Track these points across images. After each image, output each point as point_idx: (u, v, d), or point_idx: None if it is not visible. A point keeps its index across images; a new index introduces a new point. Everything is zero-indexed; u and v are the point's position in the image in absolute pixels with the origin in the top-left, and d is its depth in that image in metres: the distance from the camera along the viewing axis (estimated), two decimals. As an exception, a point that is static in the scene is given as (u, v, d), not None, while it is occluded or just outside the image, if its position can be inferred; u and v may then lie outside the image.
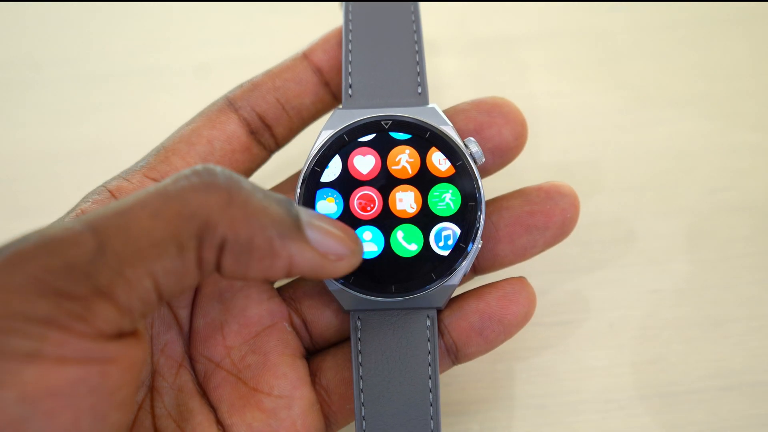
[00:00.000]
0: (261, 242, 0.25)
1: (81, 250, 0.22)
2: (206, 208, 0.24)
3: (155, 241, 0.23)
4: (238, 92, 0.34)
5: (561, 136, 0.46)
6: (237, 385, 0.31)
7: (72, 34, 0.50)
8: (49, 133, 0.46)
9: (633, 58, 0.48)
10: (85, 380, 0.22)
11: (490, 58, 0.49)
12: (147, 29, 0.50)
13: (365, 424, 0.30)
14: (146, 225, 0.23)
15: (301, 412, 0.31)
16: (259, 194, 0.25)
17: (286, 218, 0.26)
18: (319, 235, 0.27)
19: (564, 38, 0.49)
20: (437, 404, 0.30)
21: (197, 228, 0.24)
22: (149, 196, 0.24)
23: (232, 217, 0.24)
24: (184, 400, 0.31)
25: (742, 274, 0.40)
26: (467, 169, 0.31)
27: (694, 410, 0.36)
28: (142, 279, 0.23)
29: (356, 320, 0.32)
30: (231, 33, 0.50)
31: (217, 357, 0.32)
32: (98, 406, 0.22)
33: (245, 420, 0.30)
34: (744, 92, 0.47)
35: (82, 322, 0.22)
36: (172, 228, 0.23)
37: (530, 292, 0.32)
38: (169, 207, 0.24)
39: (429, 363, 0.31)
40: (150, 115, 0.45)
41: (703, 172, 0.44)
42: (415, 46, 0.34)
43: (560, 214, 0.32)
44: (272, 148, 0.35)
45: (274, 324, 0.32)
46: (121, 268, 0.22)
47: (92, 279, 0.22)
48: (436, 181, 0.31)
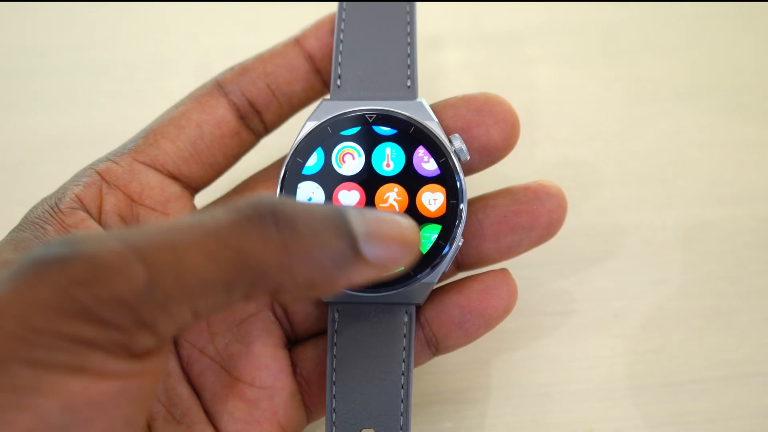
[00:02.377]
0: (320, 279, 0.24)
1: (131, 284, 0.21)
2: (261, 261, 0.23)
3: (204, 281, 0.22)
4: (228, 75, 0.33)
5: (565, 129, 0.46)
6: (220, 373, 0.31)
7: (79, 20, 0.50)
8: (56, 120, 0.46)
9: (637, 52, 0.49)
10: (123, 392, 0.22)
11: (495, 52, 0.49)
12: (154, 17, 0.50)
13: (335, 417, 0.30)
14: (198, 264, 0.22)
15: (282, 402, 0.31)
16: (308, 221, 0.23)
17: (343, 246, 0.24)
18: (378, 250, 0.24)
19: (568, 32, 0.50)
20: (408, 401, 0.30)
21: (251, 276, 0.23)
22: (203, 235, 0.22)
23: (289, 266, 0.23)
24: (172, 385, 0.31)
25: (746, 265, 0.40)
26: (450, 167, 0.31)
27: (698, 400, 0.36)
28: (183, 312, 0.22)
29: (334, 312, 0.31)
30: (238, 22, 0.50)
31: (201, 343, 0.32)
32: (133, 415, 0.23)
33: (227, 409, 0.31)
34: (747, 86, 0.47)
35: (123, 348, 0.22)
36: (223, 274, 0.22)
37: (512, 285, 0.32)
38: (223, 254, 0.22)
39: (403, 359, 0.31)
40: (157, 103, 0.45)
41: (707, 164, 0.44)
42: (408, 38, 0.33)
43: (546, 215, 0.32)
44: (261, 132, 0.34)
45: (258, 312, 0.32)
46: (167, 304, 0.22)
47: (138, 314, 0.22)
48: (424, 182, 0.31)
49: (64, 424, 0.21)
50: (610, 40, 0.49)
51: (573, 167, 0.44)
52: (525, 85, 0.48)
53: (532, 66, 0.49)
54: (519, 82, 0.48)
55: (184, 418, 0.30)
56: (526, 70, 0.49)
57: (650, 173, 0.44)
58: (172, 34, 0.50)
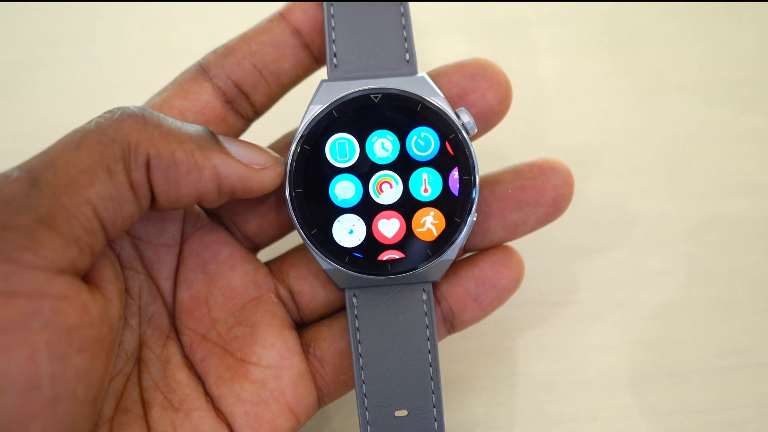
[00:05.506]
0: (182, 155, 0.27)
1: (16, 185, 0.23)
2: (124, 133, 0.26)
3: (83, 168, 0.24)
4: (212, 58, 0.32)
5: (570, 119, 0.46)
6: (224, 356, 0.31)
7: (84, 13, 0.50)
8: (58, 112, 0.46)
9: (643, 44, 0.49)
10: (36, 314, 0.22)
11: (500, 41, 0.49)
12: (161, 9, 0.50)
13: (367, 402, 0.30)
14: (71, 157, 0.25)
15: (290, 381, 0.30)
16: (172, 119, 0.27)
17: (203, 134, 0.28)
18: (238, 149, 0.28)
19: (574, 22, 0.50)
20: (438, 378, 0.30)
21: (120, 151, 0.25)
22: (68, 135, 0.26)
23: (150, 135, 0.26)
24: (171, 372, 0.30)
25: (750, 256, 0.41)
26: (460, 143, 0.30)
27: (702, 389, 0.37)
28: (80, 206, 0.24)
29: (352, 297, 0.31)
30: (245, 14, 0.50)
31: (203, 329, 0.31)
32: (54, 344, 0.22)
33: (233, 391, 0.30)
34: (752, 78, 0.47)
35: (29, 252, 0.22)
36: (96, 155, 0.25)
37: (518, 258, 0.32)
38: (89, 138, 0.25)
39: (428, 337, 0.31)
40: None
41: (711, 155, 0.44)
42: (401, 8, 0.32)
43: (552, 190, 0.32)
44: (251, 116, 0.33)
45: (260, 296, 0.32)
46: (56, 196, 0.23)
47: (32, 210, 0.23)
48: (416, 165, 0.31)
49: None
50: (616, 31, 0.49)
51: (578, 158, 0.44)
52: (531, 75, 0.48)
53: (537, 56, 0.49)
54: (524, 73, 0.48)
55: (182, 405, 0.30)
56: (531, 60, 0.48)
57: (655, 164, 0.44)
58: (179, 26, 0.50)
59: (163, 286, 0.31)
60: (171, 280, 0.31)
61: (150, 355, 0.30)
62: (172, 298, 0.31)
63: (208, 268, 0.32)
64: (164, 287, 0.31)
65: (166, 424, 0.29)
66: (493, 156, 0.41)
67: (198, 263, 0.32)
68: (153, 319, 0.31)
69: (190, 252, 0.32)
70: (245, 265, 0.32)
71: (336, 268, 0.30)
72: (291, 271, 0.33)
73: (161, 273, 0.31)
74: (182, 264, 0.32)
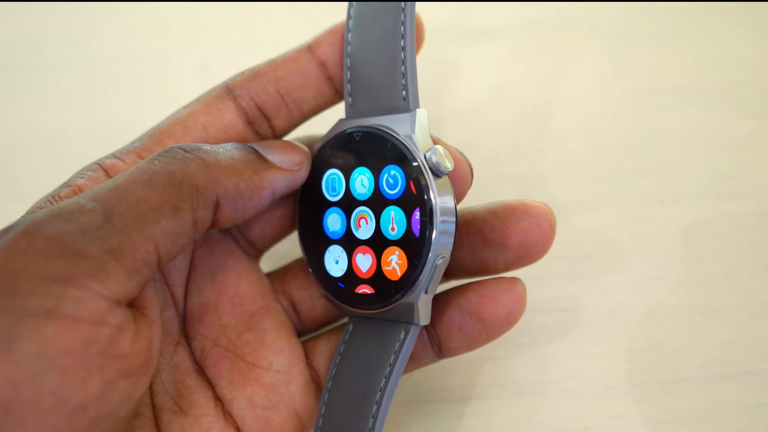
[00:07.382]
0: (245, 185, 0.29)
1: (91, 216, 0.24)
2: (190, 176, 0.27)
3: (153, 206, 0.26)
4: (239, 80, 0.33)
5: (563, 124, 0.46)
6: (236, 361, 0.32)
7: (75, 16, 0.50)
8: (51, 116, 0.46)
9: (635, 47, 0.48)
10: (95, 341, 0.23)
11: (492, 47, 0.49)
12: (153, 13, 0.50)
13: (321, 422, 0.31)
14: (142, 194, 0.26)
15: (299, 388, 0.32)
16: (218, 150, 0.29)
17: (250, 155, 0.30)
18: (277, 155, 0.31)
19: (568, 26, 0.49)
20: (379, 416, 0.29)
21: (189, 192, 0.27)
22: (136, 172, 0.27)
23: (214, 177, 0.28)
24: (181, 377, 0.31)
25: (744, 262, 0.40)
26: (421, 184, 0.29)
27: (695, 397, 0.36)
28: (145, 241, 0.25)
29: (349, 324, 0.32)
30: (236, 18, 0.50)
31: (213, 335, 0.32)
32: (105, 370, 0.23)
33: (245, 394, 0.31)
34: (746, 81, 0.47)
35: (97, 281, 0.23)
36: (165, 195, 0.26)
37: (518, 293, 0.31)
38: (157, 178, 0.26)
39: (385, 375, 0.30)
40: (153, 99, 0.45)
41: (706, 160, 0.44)
42: (401, 41, 0.31)
43: (519, 234, 0.30)
44: (270, 138, 0.34)
45: (268, 304, 0.33)
46: (127, 230, 0.25)
47: (104, 241, 0.24)
48: (387, 203, 0.30)
49: (40, 372, 0.22)
50: (609, 34, 0.49)
51: (570, 162, 0.44)
52: (523, 79, 0.47)
53: (529, 60, 0.48)
54: (517, 77, 0.48)
55: (191, 410, 0.30)
56: (524, 64, 0.48)
57: (648, 169, 0.44)
58: (171, 30, 0.50)
59: (177, 293, 0.33)
60: (183, 288, 0.33)
61: (161, 360, 0.31)
62: (183, 305, 0.33)
63: (217, 276, 0.33)
64: (177, 294, 0.33)
65: (176, 428, 0.30)
66: (489, 162, 0.41)
67: (208, 271, 0.33)
68: (165, 325, 0.32)
69: (200, 260, 0.33)
70: (251, 275, 0.34)
71: (326, 294, 0.32)
72: (292, 282, 0.35)
73: (176, 280, 0.33)
74: (193, 272, 0.33)
